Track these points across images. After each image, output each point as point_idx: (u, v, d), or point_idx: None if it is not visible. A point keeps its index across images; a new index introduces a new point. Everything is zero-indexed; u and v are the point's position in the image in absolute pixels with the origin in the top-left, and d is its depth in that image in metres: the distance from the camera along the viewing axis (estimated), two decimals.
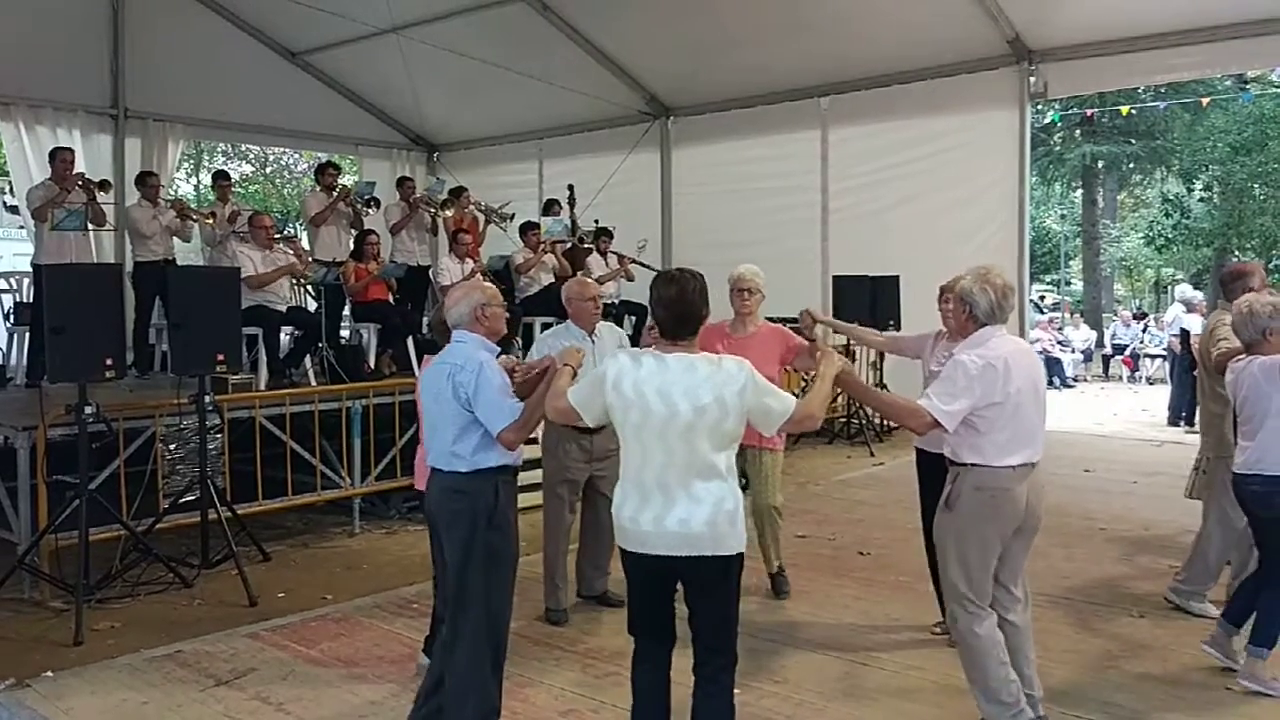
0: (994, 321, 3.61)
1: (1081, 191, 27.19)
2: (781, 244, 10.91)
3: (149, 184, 8.86)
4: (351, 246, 9.10)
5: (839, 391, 3.71)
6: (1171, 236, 23.70)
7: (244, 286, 7.03)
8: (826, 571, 5.97)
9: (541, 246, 9.56)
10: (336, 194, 9.29)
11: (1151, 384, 16.78)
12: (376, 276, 8.64)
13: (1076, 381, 17.63)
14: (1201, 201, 23.60)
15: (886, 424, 10.52)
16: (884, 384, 10.11)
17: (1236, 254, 22.03)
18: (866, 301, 10.12)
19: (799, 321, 5.00)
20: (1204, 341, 5.25)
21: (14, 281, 9.51)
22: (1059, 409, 13.26)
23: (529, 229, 9.72)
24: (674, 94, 12.75)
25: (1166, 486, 7.48)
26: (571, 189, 10.21)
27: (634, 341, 5.32)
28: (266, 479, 6.57)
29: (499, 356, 3.86)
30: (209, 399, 6.00)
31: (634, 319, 9.91)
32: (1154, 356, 17.31)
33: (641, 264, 10.08)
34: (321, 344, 8.09)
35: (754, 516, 5.39)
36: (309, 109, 13.47)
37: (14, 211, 13.90)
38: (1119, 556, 6.28)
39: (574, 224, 10.19)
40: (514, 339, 9.12)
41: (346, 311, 9.04)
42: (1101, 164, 25.70)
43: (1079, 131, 24.36)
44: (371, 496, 7.34)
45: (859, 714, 4.05)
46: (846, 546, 6.53)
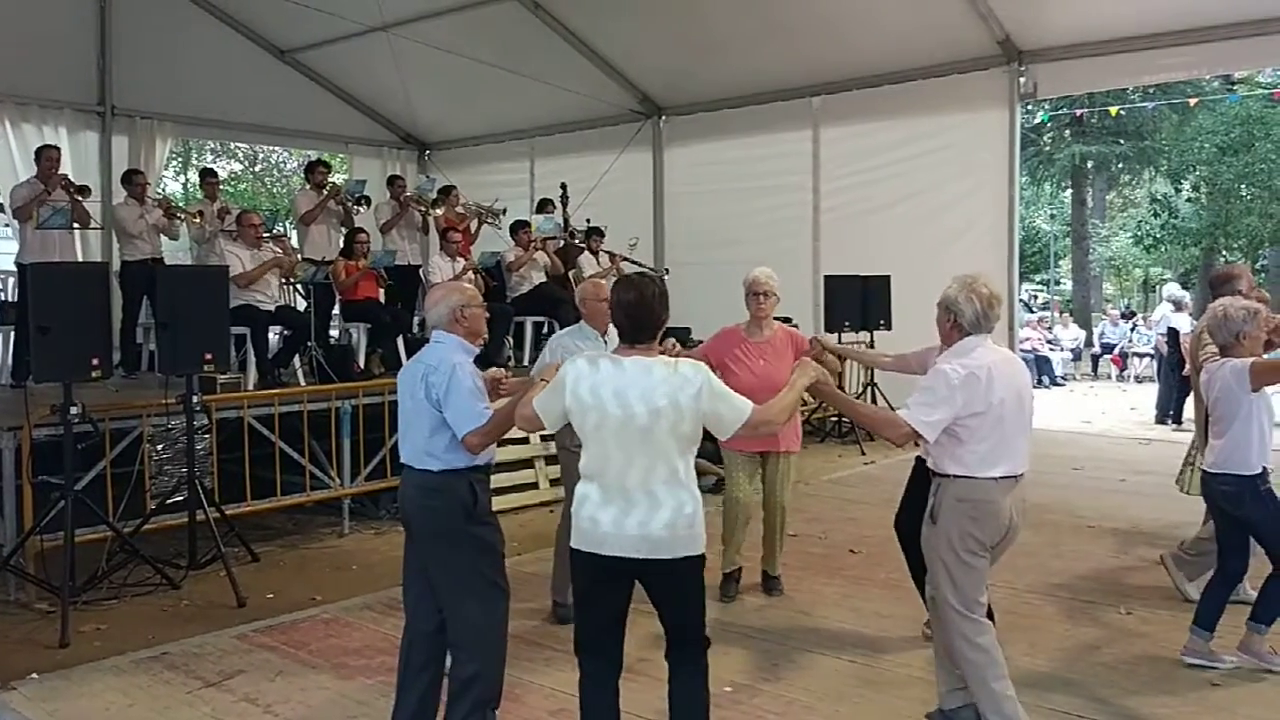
0: (979, 331, 3.57)
1: (1071, 191, 27.28)
2: (773, 244, 10.93)
3: (136, 182, 8.80)
4: (341, 245, 9.06)
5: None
6: (1160, 236, 23.79)
7: (232, 285, 6.99)
8: (818, 570, 5.98)
9: (533, 245, 9.53)
10: (326, 192, 9.26)
11: (1140, 382, 16.82)
12: (368, 265, 8.60)
13: (1065, 380, 17.68)
14: (1189, 202, 23.70)
15: None
16: (876, 386, 10.13)
17: (1224, 254, 22.16)
18: (858, 301, 10.13)
19: (809, 349, 4.96)
20: (1194, 343, 5.33)
21: None
22: (1048, 408, 13.29)
23: (520, 227, 9.69)
24: (666, 93, 12.75)
25: (1154, 484, 7.49)
26: (564, 187, 10.20)
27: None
28: (255, 479, 6.54)
29: (489, 369, 3.88)
30: (196, 399, 5.97)
31: None
32: (1142, 355, 17.35)
33: (633, 263, 10.06)
34: (310, 343, 8.04)
35: (765, 516, 5.46)
36: (299, 107, 13.43)
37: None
38: (1107, 553, 6.30)
39: (566, 222, 10.18)
40: (506, 337, 9.15)
41: (336, 311, 8.99)
42: (1090, 164, 25.79)
43: (1068, 132, 24.44)
44: (361, 497, 7.30)
45: (848, 713, 4.05)
46: (837, 545, 6.53)
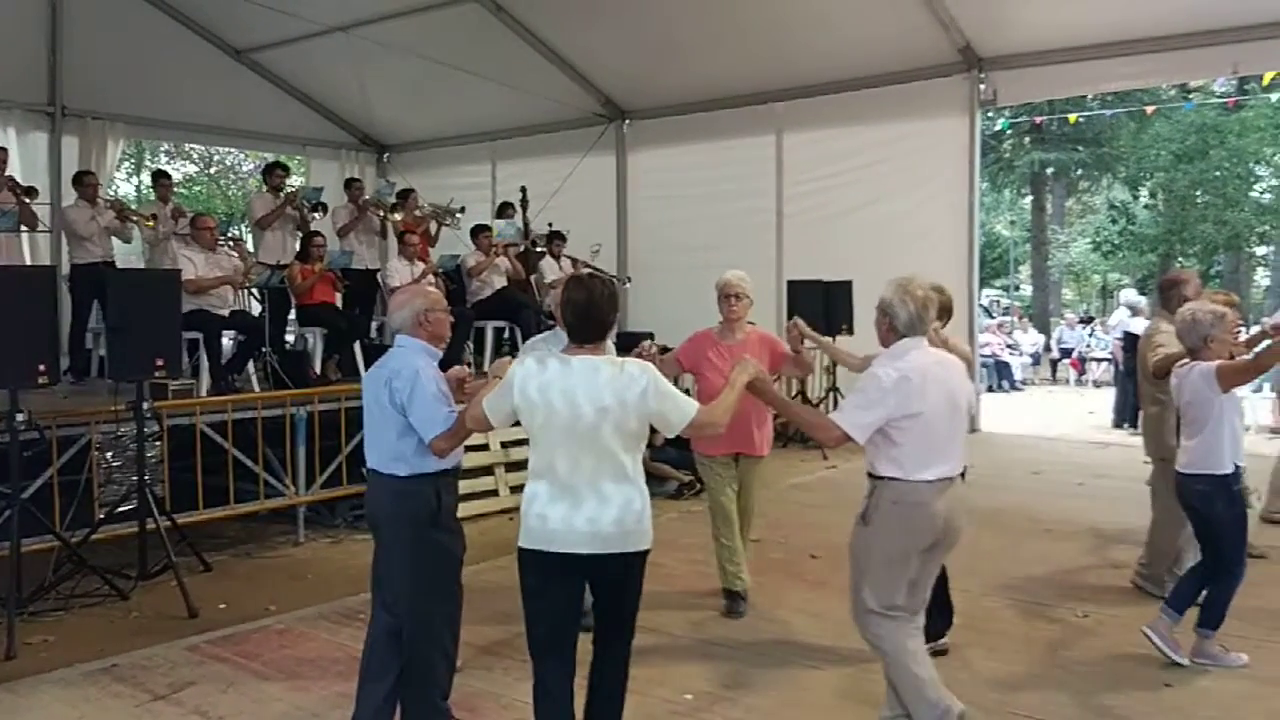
0: (914, 333, 3.57)
1: (1030, 198, 27.63)
2: (737, 248, 10.93)
3: (87, 183, 8.61)
4: (297, 249, 8.93)
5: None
6: (1117, 242, 24.14)
7: (184, 289, 6.86)
8: (778, 574, 5.97)
9: (494, 249, 9.45)
10: (283, 198, 9.12)
11: (1098, 387, 17.01)
12: (325, 268, 8.48)
13: (1025, 384, 17.86)
14: (1146, 208, 24.07)
15: None
16: (838, 389, 10.15)
17: (1180, 260, 22.50)
18: (820, 306, 10.15)
19: (789, 328, 5.01)
20: (1142, 347, 5.43)
21: None
22: (1008, 412, 13.45)
23: (481, 231, 9.60)
24: (630, 97, 12.73)
25: (1112, 487, 7.57)
26: (524, 191, 10.12)
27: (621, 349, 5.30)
28: (208, 487, 6.42)
29: (451, 368, 3.90)
30: (147, 405, 5.83)
31: None
32: (1100, 360, 17.57)
33: (595, 268, 10.00)
34: (265, 349, 7.93)
35: (740, 518, 5.41)
36: (255, 108, 13.25)
37: None
38: (1065, 556, 6.35)
39: (527, 227, 10.11)
40: (465, 343, 9.06)
41: (292, 316, 8.86)
42: (1050, 171, 26.13)
43: (1028, 139, 24.74)
44: (317, 505, 7.20)
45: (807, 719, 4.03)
46: (798, 550, 6.53)
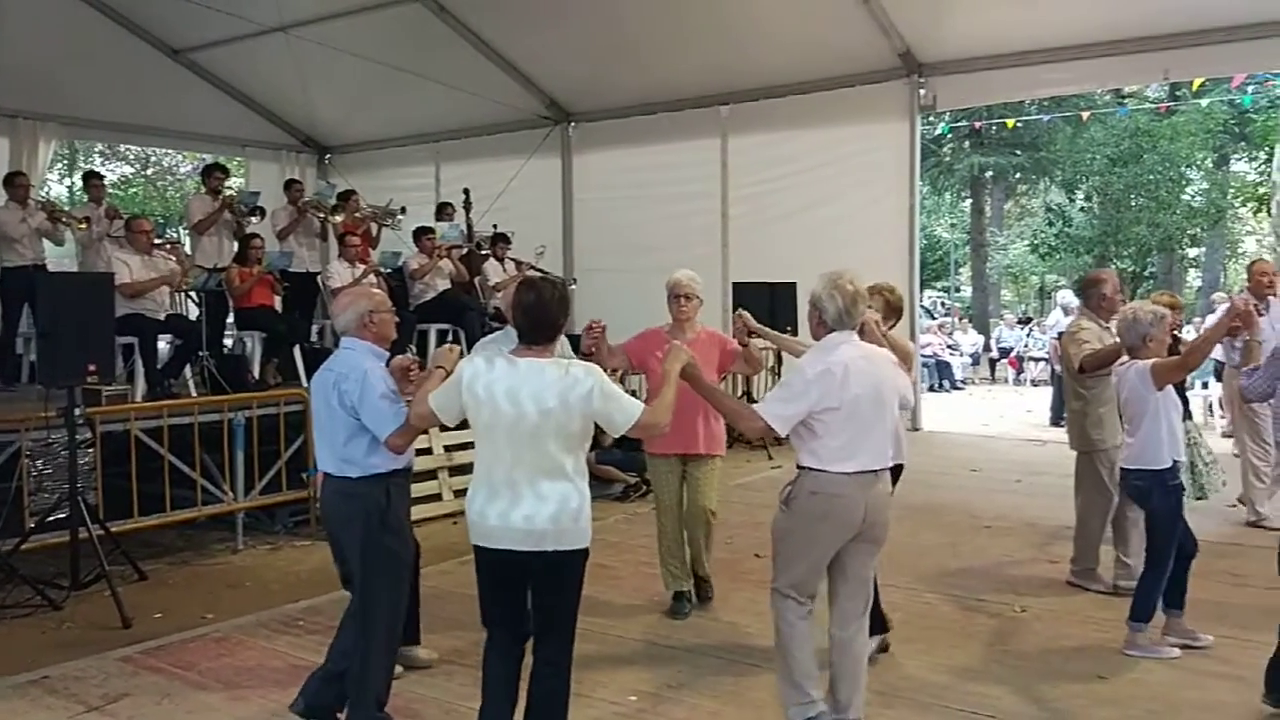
0: (842, 327, 3.62)
1: (970, 201, 28.06)
2: (682, 251, 10.95)
3: (17, 184, 8.39)
4: (234, 252, 8.77)
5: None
6: (1054, 244, 24.59)
7: (119, 294, 6.72)
8: (723, 575, 5.96)
9: (436, 252, 9.37)
10: (222, 200, 8.96)
11: (1035, 386, 17.36)
12: (263, 270, 8.36)
13: (965, 384, 18.17)
14: (1082, 211, 24.55)
15: None
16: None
17: (1115, 262, 22.98)
18: (765, 307, 10.18)
19: (736, 323, 5.05)
20: (1065, 343, 5.62)
21: None
22: (948, 411, 13.67)
23: (423, 234, 9.52)
24: (575, 99, 12.73)
25: (1048, 484, 7.73)
26: (467, 193, 10.05)
27: (576, 347, 5.29)
28: (143, 494, 6.27)
29: (395, 357, 3.94)
30: (79, 411, 5.69)
31: None
32: (1037, 359, 17.94)
33: (540, 270, 9.95)
34: (203, 353, 7.81)
35: (687, 522, 5.36)
36: (192, 108, 13.03)
37: None
38: (1003, 551, 6.47)
39: (470, 229, 10.04)
40: (408, 346, 8.97)
41: (230, 319, 8.72)
42: (989, 174, 26.56)
43: (967, 143, 25.13)
44: (256, 511, 7.10)
45: (753, 718, 4.05)
46: (743, 550, 6.55)
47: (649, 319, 5.52)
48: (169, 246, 8.43)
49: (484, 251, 10.08)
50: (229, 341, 8.95)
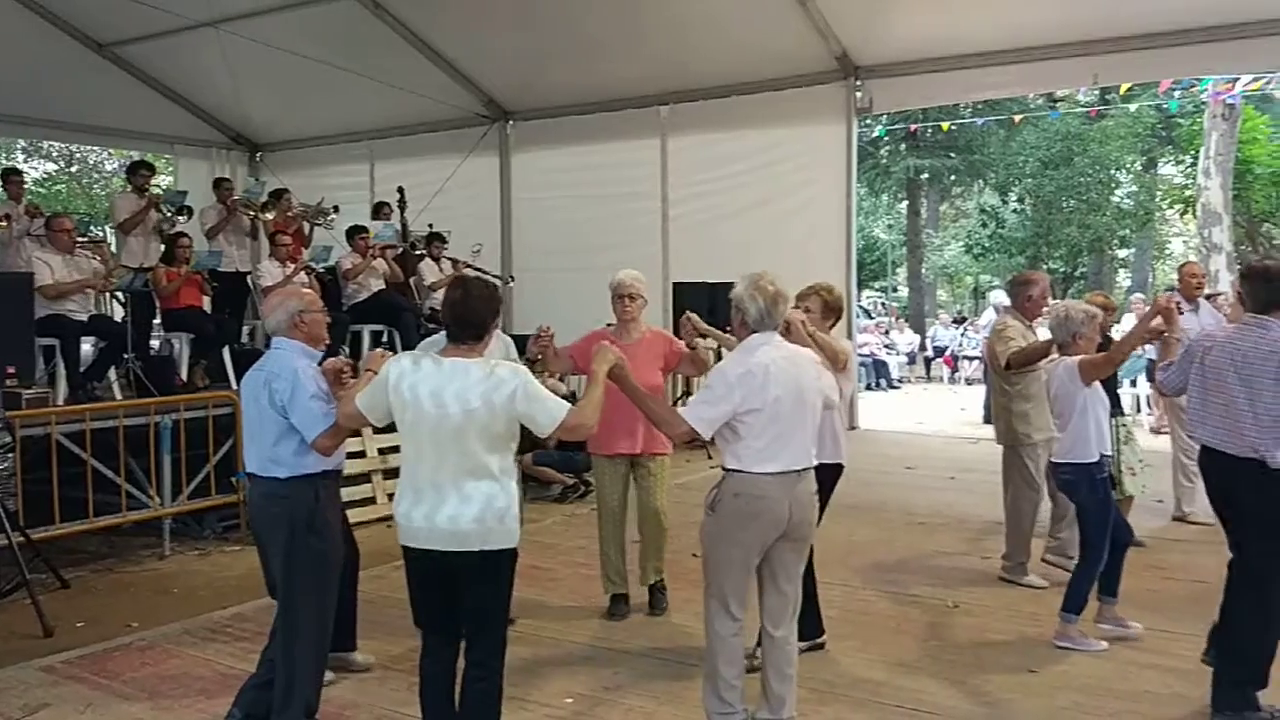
0: (764, 328, 3.61)
1: (906, 203, 28.49)
2: (622, 250, 10.94)
3: None
4: (161, 252, 8.55)
5: None
6: (988, 245, 25.08)
7: (40, 295, 6.52)
8: None
9: (370, 252, 9.22)
10: (147, 199, 8.71)
11: (970, 384, 17.66)
12: (191, 270, 8.15)
13: (902, 383, 18.44)
14: (1015, 213, 25.06)
15: None
16: None
17: (1046, 262, 23.49)
18: (705, 307, 10.19)
19: (683, 325, 5.03)
20: (991, 341, 5.79)
21: None
22: (885, 409, 13.85)
23: (357, 233, 9.34)
24: (513, 97, 12.65)
25: (981, 481, 7.85)
26: (402, 191, 9.93)
27: (521, 349, 5.23)
28: (65, 500, 6.09)
29: (328, 359, 3.89)
30: None
31: None
32: (971, 358, 18.26)
33: (477, 269, 9.83)
34: (128, 355, 7.59)
35: (639, 524, 5.32)
36: (120, 104, 12.71)
37: None
38: (937, 547, 6.58)
39: (405, 228, 9.91)
40: (341, 348, 8.83)
41: (157, 321, 8.50)
42: (925, 176, 27.02)
43: (904, 145, 25.52)
44: (184, 517, 6.93)
45: (689, 718, 4.03)
46: (680, 550, 6.51)
47: (588, 318, 5.51)
48: (93, 246, 8.21)
49: (419, 251, 9.95)
50: (156, 343, 8.75)
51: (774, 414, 3.49)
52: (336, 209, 9.91)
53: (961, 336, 19.40)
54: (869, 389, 16.26)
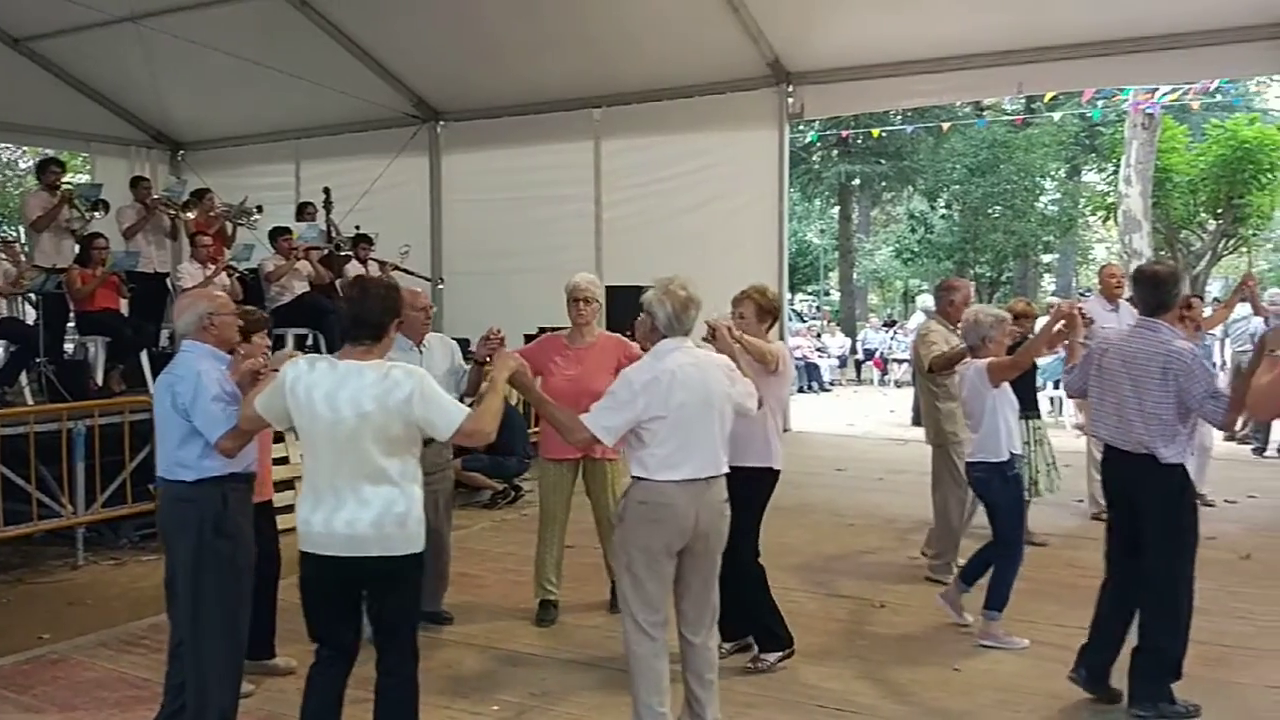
0: (673, 333, 3.58)
1: (838, 208, 28.83)
2: (555, 253, 10.93)
3: None
4: (76, 252, 8.26)
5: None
6: (917, 250, 25.44)
7: None
8: (591, 581, 5.92)
9: (294, 253, 9.02)
10: (60, 196, 8.41)
11: (899, 386, 17.91)
12: (107, 271, 7.88)
13: (833, 385, 18.65)
14: (943, 218, 25.46)
15: None
16: None
17: (974, 267, 23.93)
18: (639, 311, 10.22)
19: (635, 332, 4.85)
20: (916, 344, 5.96)
21: None
22: (816, 412, 13.99)
23: (280, 234, 9.12)
24: (444, 98, 12.52)
25: (909, 482, 7.95)
26: (328, 192, 9.74)
27: (465, 354, 5.14)
28: None
29: (245, 361, 3.77)
30: None
31: None
32: (901, 361, 18.51)
33: (405, 271, 9.72)
34: (40, 359, 7.34)
35: (596, 526, 5.30)
36: (33, 101, 12.28)
37: None
38: (865, 548, 6.66)
39: (330, 229, 9.73)
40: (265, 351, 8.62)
41: (72, 324, 8.22)
42: (856, 182, 27.35)
43: (835, 151, 25.81)
44: (98, 525, 6.72)
45: None
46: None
47: (519, 320, 5.49)
48: (4, 246, 7.90)
49: (345, 253, 9.76)
50: (70, 347, 8.47)
51: (678, 420, 3.46)
52: (260, 209, 9.66)
53: (891, 340, 19.67)
54: (801, 391, 16.40)
